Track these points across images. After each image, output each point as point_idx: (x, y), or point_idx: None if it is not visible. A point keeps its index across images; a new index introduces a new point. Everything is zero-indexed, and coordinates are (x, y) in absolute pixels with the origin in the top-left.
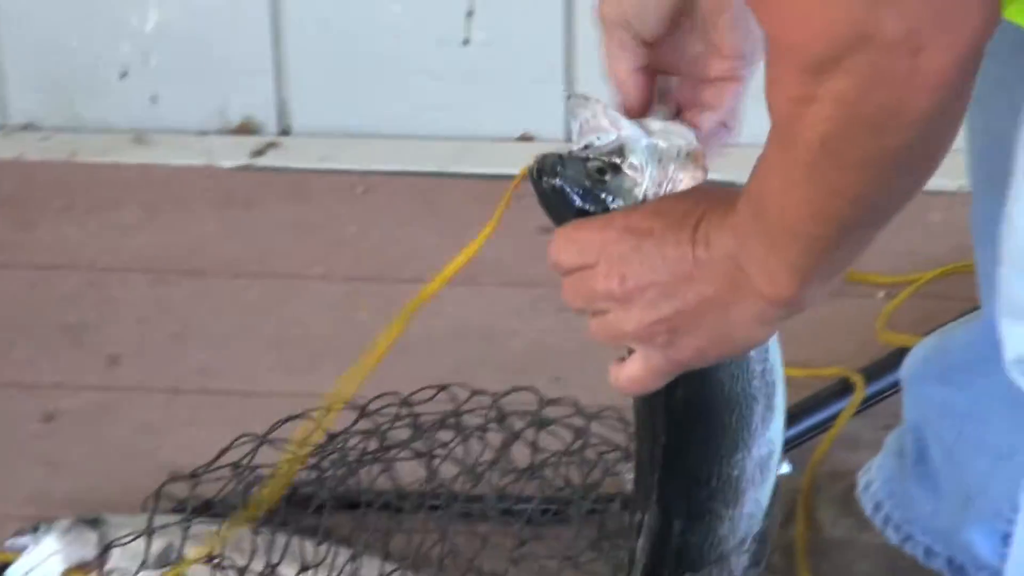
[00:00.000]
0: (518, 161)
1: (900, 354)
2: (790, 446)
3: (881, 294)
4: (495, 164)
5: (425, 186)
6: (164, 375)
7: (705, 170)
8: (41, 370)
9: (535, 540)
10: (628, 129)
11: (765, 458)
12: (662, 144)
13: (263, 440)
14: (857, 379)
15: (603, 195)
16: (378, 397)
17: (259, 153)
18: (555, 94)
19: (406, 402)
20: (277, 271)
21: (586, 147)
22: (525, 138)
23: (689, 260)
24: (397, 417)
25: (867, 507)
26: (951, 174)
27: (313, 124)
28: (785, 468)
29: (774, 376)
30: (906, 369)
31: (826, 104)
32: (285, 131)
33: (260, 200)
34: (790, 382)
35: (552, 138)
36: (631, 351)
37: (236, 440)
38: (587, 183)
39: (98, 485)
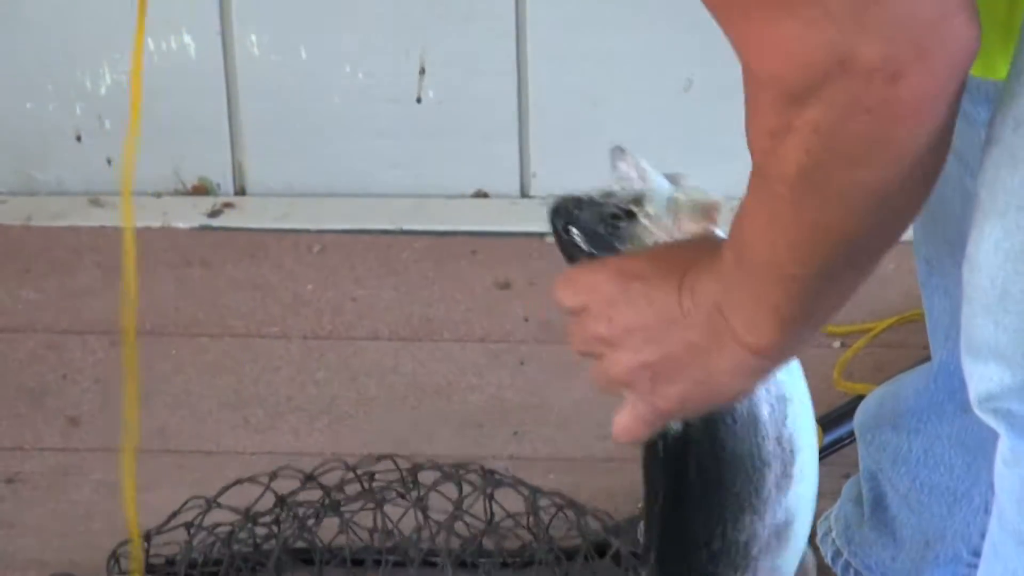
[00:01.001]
0: (473, 217)
1: (857, 402)
2: None
3: (837, 343)
4: (450, 221)
5: (381, 244)
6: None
7: (715, 223)
8: (1, 433)
9: None
10: (655, 181)
11: (782, 525)
12: (681, 198)
13: (212, 503)
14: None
15: (615, 241)
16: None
17: (215, 214)
18: (509, 150)
19: (352, 468)
20: (235, 330)
21: (608, 194)
22: (479, 195)
23: (675, 305)
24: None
25: (827, 555)
26: None
27: (268, 184)
28: None
29: (794, 444)
30: (859, 418)
31: (803, 134)
32: (240, 191)
33: (217, 260)
34: None
35: (507, 194)
36: None
37: (186, 503)
38: (599, 227)
39: (60, 546)
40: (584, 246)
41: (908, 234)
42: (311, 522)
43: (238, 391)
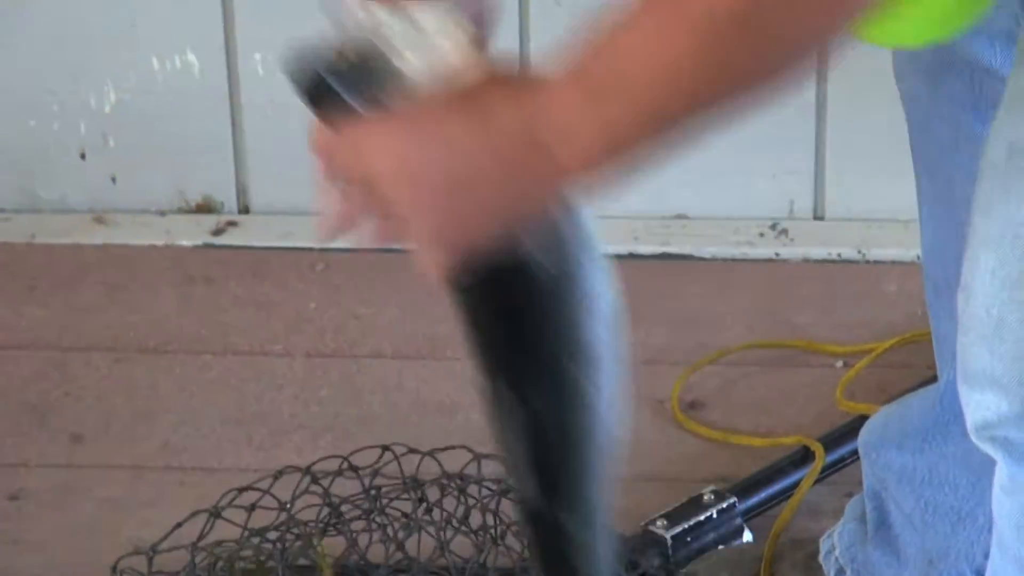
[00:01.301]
0: None
1: (859, 422)
2: (752, 515)
3: (839, 363)
4: None
5: (384, 261)
6: (127, 453)
7: (470, 34)
8: (5, 450)
9: None
10: (382, 14)
11: (611, 318)
12: (422, 23)
13: (216, 514)
14: (817, 447)
15: (368, 86)
16: (322, 460)
17: (219, 232)
18: None
19: (354, 468)
20: (238, 348)
21: (344, 40)
22: None
23: (471, 143)
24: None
25: (829, 573)
26: (906, 244)
27: (272, 202)
28: (747, 536)
29: (592, 248)
30: (863, 437)
31: None
32: (244, 209)
33: (220, 278)
34: (752, 451)
35: None
36: None
37: (190, 516)
38: (360, 82)
39: (64, 562)
40: (351, 105)
41: (912, 255)
42: (316, 541)
43: (241, 408)
